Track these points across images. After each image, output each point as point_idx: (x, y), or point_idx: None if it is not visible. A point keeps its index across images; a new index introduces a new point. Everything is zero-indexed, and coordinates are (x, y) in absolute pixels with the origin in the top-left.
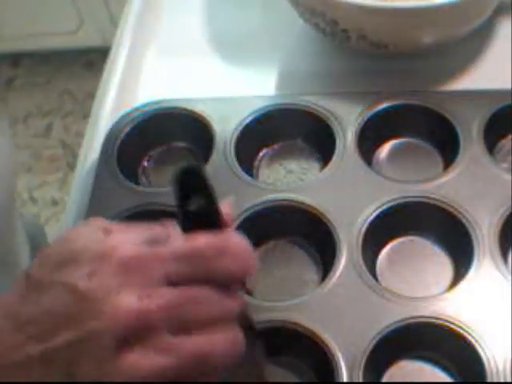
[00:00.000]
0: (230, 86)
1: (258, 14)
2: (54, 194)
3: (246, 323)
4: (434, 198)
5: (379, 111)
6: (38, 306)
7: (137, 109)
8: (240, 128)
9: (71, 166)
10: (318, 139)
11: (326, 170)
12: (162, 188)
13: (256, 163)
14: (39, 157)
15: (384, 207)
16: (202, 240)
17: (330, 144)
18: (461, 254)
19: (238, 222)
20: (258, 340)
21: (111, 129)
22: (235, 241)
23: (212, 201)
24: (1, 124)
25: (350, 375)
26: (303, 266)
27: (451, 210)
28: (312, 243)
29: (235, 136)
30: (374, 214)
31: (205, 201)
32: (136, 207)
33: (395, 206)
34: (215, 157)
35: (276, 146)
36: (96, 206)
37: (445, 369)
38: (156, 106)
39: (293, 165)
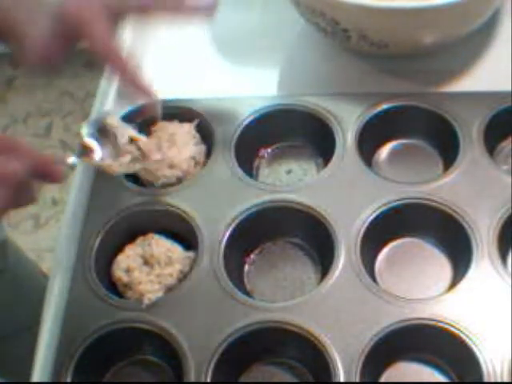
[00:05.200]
0: (230, 86)
1: (258, 13)
2: (54, 194)
3: None
4: (433, 200)
5: (379, 112)
6: None
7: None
8: (240, 128)
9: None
10: (317, 140)
11: (326, 170)
12: (161, 188)
13: (256, 163)
14: None
15: (383, 208)
16: None
17: (329, 145)
18: (460, 256)
19: (237, 222)
20: None
21: None
22: None
23: None
24: None
25: (347, 377)
26: (302, 267)
27: (450, 211)
28: (311, 244)
29: (235, 136)
30: (373, 215)
31: None
32: (135, 206)
33: (394, 208)
34: (215, 157)
35: (276, 146)
36: (96, 205)
37: (442, 370)
38: None
39: (292, 165)
